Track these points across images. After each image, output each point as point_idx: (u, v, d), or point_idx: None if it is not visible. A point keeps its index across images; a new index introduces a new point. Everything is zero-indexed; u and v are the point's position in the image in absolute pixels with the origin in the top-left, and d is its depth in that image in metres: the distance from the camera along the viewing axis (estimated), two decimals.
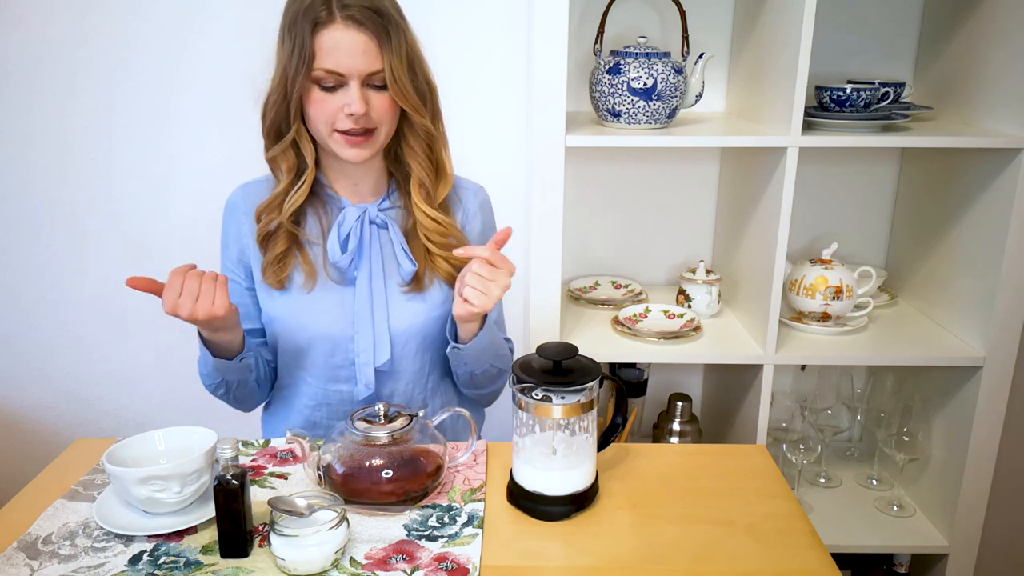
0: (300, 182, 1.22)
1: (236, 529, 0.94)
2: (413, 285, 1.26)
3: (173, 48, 1.84)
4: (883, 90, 1.65)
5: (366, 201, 1.27)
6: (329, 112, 1.14)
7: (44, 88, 1.85)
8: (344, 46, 1.10)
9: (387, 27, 1.11)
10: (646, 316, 1.79)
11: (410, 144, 1.22)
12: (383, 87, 1.14)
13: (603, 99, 1.63)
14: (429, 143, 1.22)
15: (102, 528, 0.99)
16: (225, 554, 0.95)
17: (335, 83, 1.13)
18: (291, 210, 1.22)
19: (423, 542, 0.98)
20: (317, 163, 1.24)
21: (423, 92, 1.19)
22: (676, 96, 1.61)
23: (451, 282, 1.27)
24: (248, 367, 1.23)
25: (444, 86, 1.24)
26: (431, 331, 1.28)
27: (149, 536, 0.98)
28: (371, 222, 1.26)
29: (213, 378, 1.22)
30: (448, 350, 1.26)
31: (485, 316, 1.21)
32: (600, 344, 1.67)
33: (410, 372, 1.28)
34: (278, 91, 1.15)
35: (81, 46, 1.83)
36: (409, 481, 1.04)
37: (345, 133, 1.15)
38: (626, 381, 1.93)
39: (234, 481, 0.93)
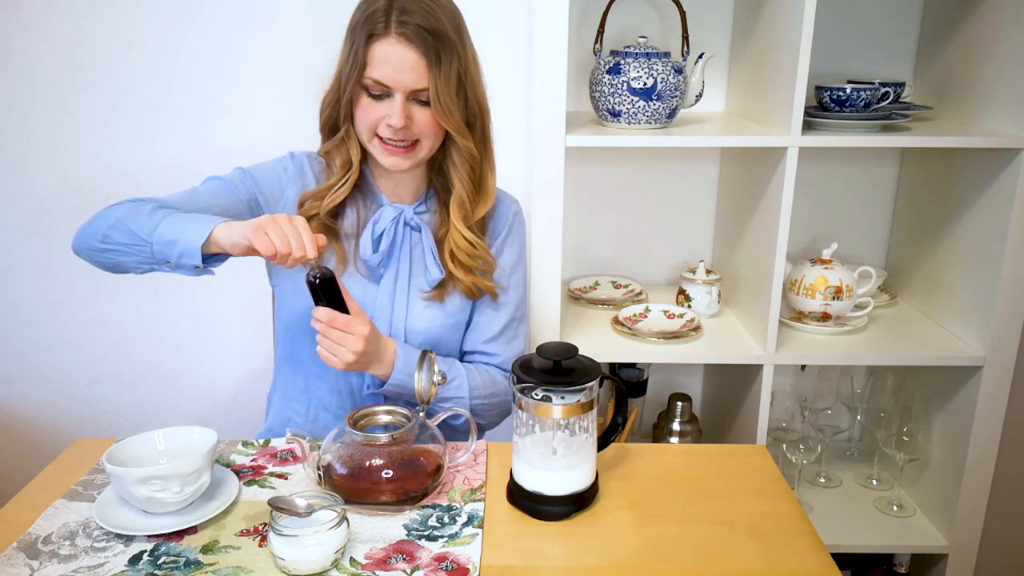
0: (344, 180, 1.24)
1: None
2: (434, 293, 1.28)
3: (174, 48, 1.83)
4: (883, 90, 1.65)
5: (403, 202, 1.30)
6: (372, 119, 1.18)
7: (44, 88, 1.85)
8: (393, 60, 1.13)
9: (439, 48, 1.14)
10: (646, 316, 1.79)
11: (454, 161, 1.25)
12: (429, 103, 1.16)
13: (603, 99, 1.63)
14: (472, 164, 1.25)
15: (102, 528, 0.99)
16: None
17: (381, 92, 1.17)
18: (331, 206, 1.24)
19: (423, 542, 0.98)
20: (364, 159, 1.27)
21: (472, 114, 1.22)
22: (676, 96, 1.61)
23: (470, 295, 1.30)
24: (188, 269, 1.10)
25: None
26: (445, 337, 1.31)
27: (149, 536, 0.98)
28: (406, 223, 1.28)
29: (142, 235, 1.09)
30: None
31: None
32: (600, 344, 1.67)
33: None
34: (333, 90, 1.20)
35: (81, 46, 1.83)
36: (409, 481, 1.04)
37: (384, 141, 1.19)
38: (626, 381, 1.93)
39: (327, 268, 1.07)
